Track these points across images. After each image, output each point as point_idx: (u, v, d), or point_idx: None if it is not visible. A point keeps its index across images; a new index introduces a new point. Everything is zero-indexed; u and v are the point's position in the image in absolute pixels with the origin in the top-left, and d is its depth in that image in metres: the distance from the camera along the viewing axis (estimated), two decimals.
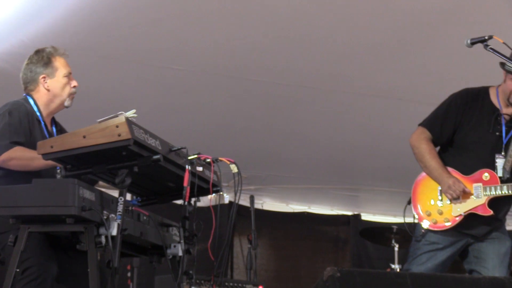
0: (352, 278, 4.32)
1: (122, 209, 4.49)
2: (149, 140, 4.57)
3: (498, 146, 5.69)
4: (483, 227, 5.77)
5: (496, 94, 5.78)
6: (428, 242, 5.80)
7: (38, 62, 5.37)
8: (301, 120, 8.70)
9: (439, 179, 5.73)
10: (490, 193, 5.61)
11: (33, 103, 5.34)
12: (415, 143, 5.87)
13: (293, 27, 7.19)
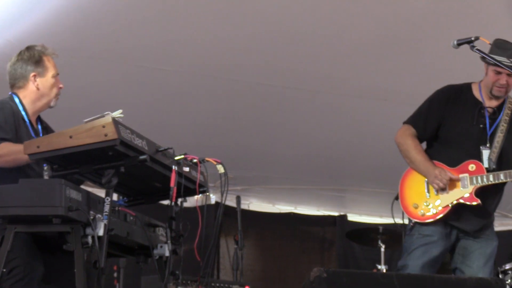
0: (339, 278, 4.33)
1: (108, 209, 4.49)
2: (135, 140, 4.57)
3: (482, 138, 5.80)
4: (475, 221, 5.86)
5: (479, 88, 5.91)
6: (422, 235, 5.83)
7: (29, 59, 5.36)
8: (288, 121, 8.72)
9: (425, 171, 5.82)
10: (477, 183, 5.69)
11: (19, 102, 5.33)
12: (400, 140, 5.97)
13: (280, 29, 7.21)
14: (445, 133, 5.94)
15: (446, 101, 5.93)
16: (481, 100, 5.88)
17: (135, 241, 4.93)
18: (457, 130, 5.88)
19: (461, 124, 5.88)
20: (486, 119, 5.82)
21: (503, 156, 5.81)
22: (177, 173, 4.81)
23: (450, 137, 5.93)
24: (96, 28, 7.03)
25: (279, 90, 8.13)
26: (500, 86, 5.70)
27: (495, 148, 5.78)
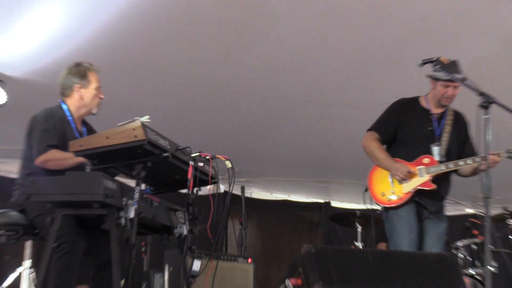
0: (324, 253, 4.35)
1: (138, 196, 4.51)
2: (160, 140, 4.59)
3: (432, 138, 6.00)
4: (433, 203, 5.97)
5: (426, 99, 6.13)
6: (398, 216, 5.92)
7: (76, 73, 5.43)
8: (283, 126, 8.72)
9: (389, 166, 5.98)
10: (431, 171, 5.85)
11: (66, 108, 5.38)
12: (366, 143, 6.15)
13: (279, 52, 7.20)
14: (401, 135, 6.11)
15: (401, 110, 6.16)
16: (428, 108, 6.09)
17: (159, 222, 4.95)
18: (412, 133, 6.08)
19: (414, 128, 6.09)
20: (433, 123, 6.05)
21: (449, 151, 5.99)
22: (193, 167, 4.84)
23: (406, 139, 6.09)
24: (130, 49, 7.04)
25: (276, 101, 8.14)
26: (448, 97, 5.96)
27: (443, 145, 5.98)
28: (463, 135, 6.15)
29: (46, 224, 4.70)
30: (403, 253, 5.41)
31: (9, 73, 7.38)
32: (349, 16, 6.69)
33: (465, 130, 6.18)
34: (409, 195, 5.87)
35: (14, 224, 5.34)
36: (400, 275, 4.45)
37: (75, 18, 6.55)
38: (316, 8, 6.60)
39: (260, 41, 7.03)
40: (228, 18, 6.69)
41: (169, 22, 6.69)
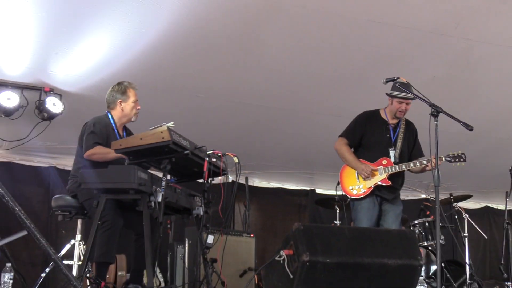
0: (310, 230, 4.32)
1: (164, 184, 4.51)
2: (182, 141, 4.59)
3: (389, 143, 6.07)
4: (389, 193, 6.02)
5: (384, 112, 6.18)
6: (361, 207, 5.99)
7: (118, 90, 5.47)
8: (279, 129, 8.69)
9: (356, 166, 6.04)
10: (389, 171, 5.94)
11: (111, 118, 5.42)
12: (337, 147, 6.21)
13: (276, 69, 7.18)
14: (365, 141, 6.16)
15: (365, 121, 6.18)
16: (386, 119, 6.14)
17: (181, 205, 4.95)
18: (373, 139, 6.13)
19: (375, 135, 6.13)
20: (390, 131, 6.12)
21: (402, 154, 6.09)
22: (208, 162, 4.83)
23: (369, 144, 6.14)
24: (157, 70, 7.03)
25: (273, 110, 8.12)
26: (402, 111, 6.03)
27: (397, 149, 6.06)
28: (412, 140, 6.24)
29: (93, 207, 4.71)
30: (372, 229, 5.40)
31: (66, 88, 7.37)
32: (329, 43, 6.69)
33: (414, 136, 6.27)
34: (371, 189, 5.96)
35: (68, 206, 5.35)
36: (370, 247, 4.43)
37: (116, 46, 6.56)
38: (303, 38, 6.60)
39: (261, 61, 7.03)
40: (234, 43, 6.70)
41: (188, 48, 6.69)
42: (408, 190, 11.43)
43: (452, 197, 7.93)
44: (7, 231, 6.99)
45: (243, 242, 7.15)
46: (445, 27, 6.43)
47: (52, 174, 9.08)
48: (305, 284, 4.13)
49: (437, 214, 4.65)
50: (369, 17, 6.25)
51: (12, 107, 7.18)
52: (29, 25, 6.17)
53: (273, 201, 11.04)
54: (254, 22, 6.39)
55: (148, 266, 4.42)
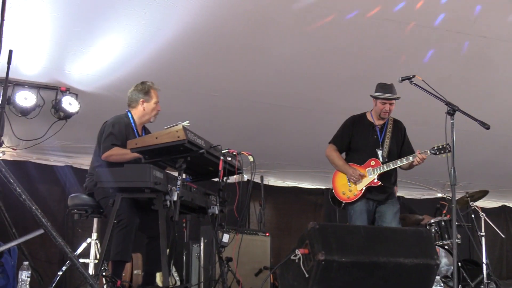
0: (326, 228, 4.31)
1: (180, 183, 4.50)
2: (197, 140, 4.58)
3: (376, 144, 6.10)
4: (381, 195, 6.03)
5: (371, 114, 6.24)
6: (354, 211, 6.03)
7: (141, 90, 5.49)
8: (294, 129, 8.69)
9: (345, 171, 6.09)
10: (377, 172, 5.97)
11: (131, 117, 5.44)
12: (328, 154, 6.29)
13: (290, 69, 7.20)
14: (354, 145, 6.21)
15: (351, 125, 6.26)
16: (372, 121, 6.19)
17: (196, 204, 4.94)
18: (361, 142, 6.17)
19: (362, 138, 6.18)
20: (377, 132, 6.17)
21: (390, 153, 6.11)
22: (223, 161, 4.82)
23: (358, 147, 6.19)
24: (173, 69, 7.05)
25: (288, 109, 8.12)
26: (385, 111, 6.09)
27: (385, 149, 6.09)
28: (401, 138, 6.27)
29: (109, 205, 4.72)
30: (388, 228, 5.37)
31: (82, 88, 7.40)
32: (342, 42, 6.68)
33: (403, 133, 6.31)
34: (362, 192, 5.98)
35: (84, 205, 5.37)
36: (386, 246, 4.41)
37: (132, 46, 6.59)
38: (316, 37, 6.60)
39: (275, 60, 7.05)
40: (248, 43, 6.72)
41: (202, 47, 6.71)
42: (424, 189, 11.38)
43: (469, 196, 7.87)
44: (24, 230, 7.06)
45: (259, 241, 7.15)
46: (461, 25, 6.39)
47: (68, 173, 9.13)
48: (320, 283, 4.12)
49: (453, 213, 4.63)
50: (383, 15, 6.23)
51: (28, 107, 7.23)
52: (46, 25, 6.21)
53: (288, 200, 11.02)
54: (267, 22, 6.39)
55: (164, 265, 4.42)
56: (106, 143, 5.15)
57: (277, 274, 4.89)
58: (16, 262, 5.43)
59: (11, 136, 7.87)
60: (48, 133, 7.71)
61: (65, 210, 7.99)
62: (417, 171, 8.12)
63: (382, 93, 6.03)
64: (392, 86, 6.06)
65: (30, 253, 7.22)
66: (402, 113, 7.10)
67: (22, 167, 8.77)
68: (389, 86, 6.05)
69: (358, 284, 4.26)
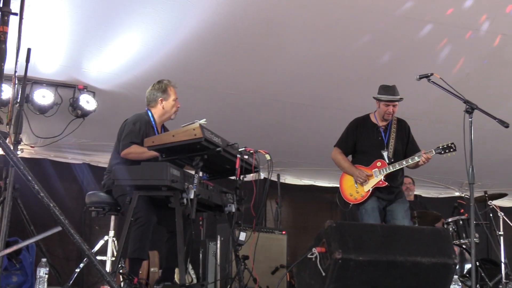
0: (342, 227, 4.29)
1: (197, 181, 4.51)
2: (214, 138, 4.59)
3: (381, 145, 6.15)
4: (389, 195, 6.09)
5: (374, 116, 6.31)
6: (365, 210, 6.06)
7: (159, 89, 5.50)
8: (309, 126, 8.68)
9: (352, 173, 6.14)
10: (383, 172, 6.01)
11: (151, 115, 5.46)
12: (334, 157, 6.36)
13: (304, 68, 7.19)
14: (359, 147, 6.26)
15: (356, 128, 6.32)
16: (376, 122, 6.23)
17: (213, 202, 4.95)
18: (366, 144, 6.22)
19: (367, 139, 6.23)
20: (382, 133, 6.21)
21: (395, 153, 6.14)
22: (240, 159, 4.82)
23: (363, 149, 6.23)
24: (190, 68, 7.07)
25: (304, 107, 8.12)
26: (389, 113, 6.13)
27: (390, 150, 6.13)
28: (406, 137, 6.30)
29: (126, 203, 4.74)
30: (405, 227, 5.35)
31: (99, 86, 7.45)
32: (359, 39, 6.66)
33: (407, 133, 6.33)
34: (369, 192, 6.02)
35: (102, 202, 5.40)
36: (403, 245, 4.38)
37: (149, 44, 6.61)
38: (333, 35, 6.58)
39: (289, 59, 7.04)
40: (265, 41, 6.70)
41: (219, 45, 6.72)
42: (442, 188, 11.32)
43: (487, 195, 7.82)
44: (42, 227, 7.10)
45: (275, 239, 7.15)
46: (479, 22, 6.34)
47: (85, 171, 9.19)
48: (337, 282, 4.11)
49: (471, 212, 4.60)
50: (401, 12, 6.20)
51: (46, 105, 7.28)
52: (64, 23, 6.25)
53: (305, 198, 11.02)
54: (283, 20, 6.38)
55: (181, 262, 4.43)
56: (126, 140, 5.16)
57: (294, 272, 4.88)
58: (34, 259, 5.48)
59: (29, 134, 7.92)
60: (66, 131, 7.76)
61: (83, 208, 8.04)
62: (434, 169, 8.12)
63: (385, 95, 6.08)
64: (394, 88, 6.12)
65: (48, 250, 7.27)
66: (420, 110, 7.08)
67: (40, 165, 8.84)
68: (391, 88, 6.12)
69: (375, 282, 4.24)
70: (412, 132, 6.33)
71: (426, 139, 6.64)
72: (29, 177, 2.69)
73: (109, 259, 6.37)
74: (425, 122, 7.08)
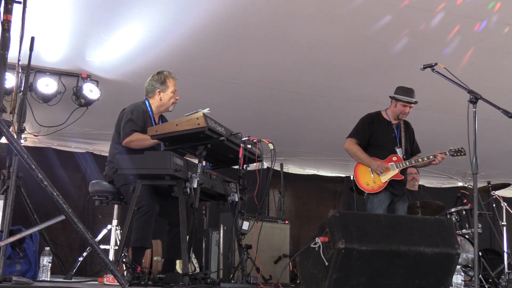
0: (346, 217, 4.29)
1: (200, 171, 4.52)
2: (217, 127, 4.59)
3: (395, 142, 6.45)
4: (400, 188, 6.41)
5: (386, 113, 6.53)
6: (378, 199, 6.28)
7: (158, 80, 5.46)
8: (313, 116, 8.67)
9: (370, 164, 6.33)
10: (400, 166, 6.30)
11: (148, 105, 5.43)
12: (349, 147, 6.49)
13: (309, 57, 7.17)
14: (374, 141, 6.47)
15: (371, 122, 6.50)
16: (389, 120, 6.50)
17: (216, 191, 4.95)
18: (381, 138, 6.46)
19: (382, 135, 6.46)
20: (394, 130, 6.48)
21: (406, 151, 6.46)
22: (243, 148, 4.83)
23: (378, 143, 6.45)
24: (194, 58, 7.07)
25: (307, 97, 8.11)
26: (404, 113, 6.43)
27: (402, 147, 6.41)
28: (411, 138, 6.63)
29: (129, 192, 4.74)
30: (408, 217, 5.34)
31: (103, 75, 7.45)
32: (364, 29, 6.64)
33: (412, 134, 6.65)
34: (385, 184, 6.26)
35: (105, 191, 5.40)
36: (406, 235, 4.38)
37: (153, 33, 6.61)
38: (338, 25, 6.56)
39: (294, 49, 7.02)
40: (270, 31, 6.69)
41: (224, 35, 6.70)
42: (445, 178, 11.32)
43: (490, 185, 7.80)
44: (45, 216, 7.13)
45: (278, 228, 7.15)
46: (485, 12, 6.31)
47: (88, 159, 9.21)
48: (340, 271, 4.11)
49: (475, 202, 4.58)
50: (407, 2, 6.17)
51: (50, 94, 7.29)
52: (67, 12, 6.24)
53: (308, 188, 11.02)
54: (288, 10, 6.36)
55: (184, 251, 4.43)
56: (126, 129, 5.14)
57: (297, 262, 4.88)
58: (38, 248, 5.48)
59: (32, 123, 7.93)
60: (69, 119, 7.78)
61: (86, 197, 8.04)
62: None
63: (405, 97, 6.32)
64: (413, 91, 6.37)
65: (51, 239, 7.31)
66: (424, 100, 7.05)
67: (43, 154, 8.85)
68: (410, 90, 6.36)
69: (378, 272, 4.25)
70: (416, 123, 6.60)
71: (431, 129, 6.65)
72: (32, 166, 2.69)
73: (112, 248, 6.39)
74: (430, 111, 7.05)
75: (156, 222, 4.85)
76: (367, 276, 4.22)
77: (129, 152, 5.07)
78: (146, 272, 4.62)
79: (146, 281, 4.40)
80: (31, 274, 5.22)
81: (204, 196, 5.08)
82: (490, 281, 6.83)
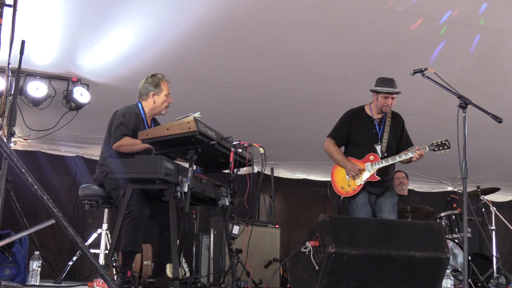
0: (336, 221, 4.30)
1: (191, 175, 4.51)
2: (208, 131, 4.59)
3: (375, 138, 6.10)
4: (379, 188, 6.05)
5: (369, 108, 6.22)
6: (356, 204, 6.04)
7: (152, 83, 5.45)
8: (303, 120, 8.67)
9: (344, 166, 6.09)
10: (376, 167, 5.97)
11: (141, 108, 5.43)
12: (327, 147, 6.27)
13: (299, 63, 7.19)
14: (353, 139, 6.19)
15: (350, 119, 6.23)
16: (371, 115, 6.16)
17: (207, 195, 4.95)
18: (360, 136, 6.16)
19: (361, 132, 6.16)
20: (376, 126, 6.14)
21: (389, 147, 6.09)
22: (234, 153, 4.82)
23: (356, 141, 6.17)
24: (185, 62, 7.06)
25: (297, 101, 8.11)
26: (387, 105, 6.07)
27: (384, 144, 6.07)
28: (400, 131, 6.24)
29: (119, 196, 4.73)
30: (398, 221, 5.35)
31: (93, 79, 7.42)
32: (355, 34, 6.67)
33: (401, 127, 6.28)
34: (361, 186, 5.99)
35: (95, 195, 5.37)
36: (397, 239, 4.39)
37: (144, 37, 6.59)
38: (329, 28, 6.57)
39: (284, 55, 7.04)
40: (261, 35, 6.71)
41: (215, 39, 6.70)
42: (435, 182, 11.35)
43: (480, 189, 7.84)
44: (35, 220, 7.10)
45: (268, 233, 7.15)
46: (474, 18, 6.35)
47: (79, 163, 9.16)
48: (330, 276, 4.11)
49: (464, 207, 4.61)
50: (398, 7, 6.20)
51: (40, 97, 7.26)
52: (57, 15, 6.22)
53: (298, 192, 11.01)
54: (280, 15, 6.38)
55: (174, 255, 4.43)
56: (117, 133, 5.12)
57: (287, 266, 4.88)
58: (27, 252, 5.46)
59: (22, 126, 7.90)
60: (59, 123, 7.74)
61: (76, 201, 8.04)
62: (427, 164, 8.14)
63: (385, 87, 6.02)
64: (393, 81, 6.06)
65: (40, 243, 7.28)
66: (414, 106, 7.08)
67: (33, 157, 8.80)
68: (390, 81, 6.06)
69: (368, 276, 4.25)
70: (406, 127, 6.30)
71: (420, 134, 6.65)
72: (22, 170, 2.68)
73: (102, 252, 6.37)
74: (419, 116, 7.07)
75: (146, 226, 4.85)
76: (357, 281, 4.23)
77: (120, 155, 5.06)
78: (136, 277, 4.61)
79: (136, 285, 4.40)
80: (20, 278, 5.20)
81: (195, 200, 5.08)
82: (480, 285, 6.86)
